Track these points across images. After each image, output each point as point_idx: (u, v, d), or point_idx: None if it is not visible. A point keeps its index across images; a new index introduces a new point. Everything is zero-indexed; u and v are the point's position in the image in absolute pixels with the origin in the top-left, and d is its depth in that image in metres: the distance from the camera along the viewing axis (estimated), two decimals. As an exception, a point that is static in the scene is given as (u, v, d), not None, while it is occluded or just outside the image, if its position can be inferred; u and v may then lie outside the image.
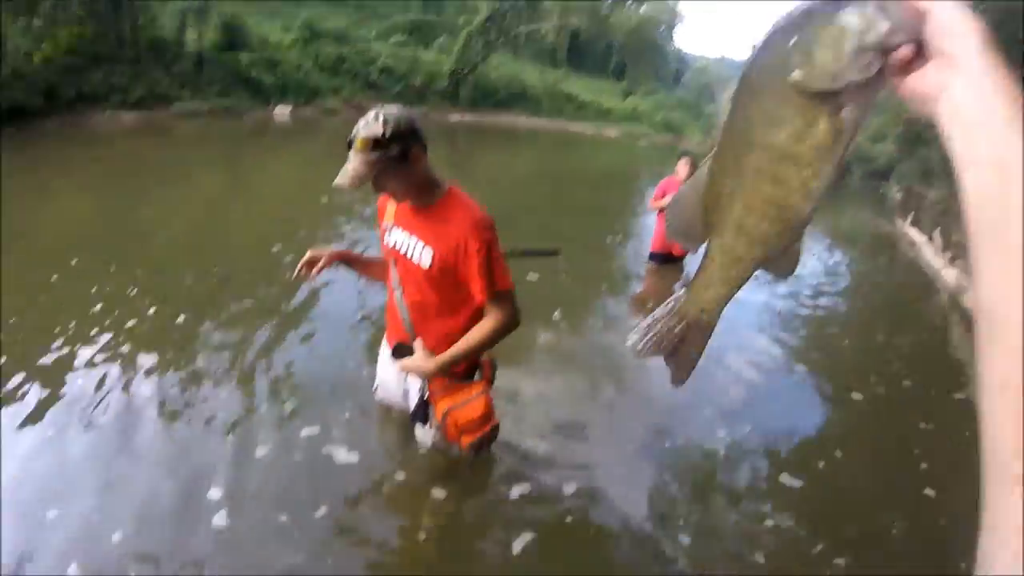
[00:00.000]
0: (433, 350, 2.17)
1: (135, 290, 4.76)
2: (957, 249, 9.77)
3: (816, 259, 8.98)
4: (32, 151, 11.12)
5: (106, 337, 4.00)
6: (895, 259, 10.36)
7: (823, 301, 6.58)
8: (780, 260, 0.71)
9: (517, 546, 2.58)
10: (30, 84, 13.84)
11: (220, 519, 2.52)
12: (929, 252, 9.99)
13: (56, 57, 15.19)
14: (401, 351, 2.29)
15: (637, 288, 6.47)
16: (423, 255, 2.10)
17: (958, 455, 3.72)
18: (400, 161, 1.95)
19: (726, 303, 0.76)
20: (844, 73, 0.56)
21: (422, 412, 2.41)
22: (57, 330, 4.00)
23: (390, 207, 2.25)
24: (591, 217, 9.89)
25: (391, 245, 2.23)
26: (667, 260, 6.35)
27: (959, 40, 0.51)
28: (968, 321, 6.42)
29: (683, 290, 0.79)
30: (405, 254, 2.16)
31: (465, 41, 28.82)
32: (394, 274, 2.28)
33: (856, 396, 4.41)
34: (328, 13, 33.20)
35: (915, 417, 4.19)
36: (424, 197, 2.08)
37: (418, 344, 2.21)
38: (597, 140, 32.46)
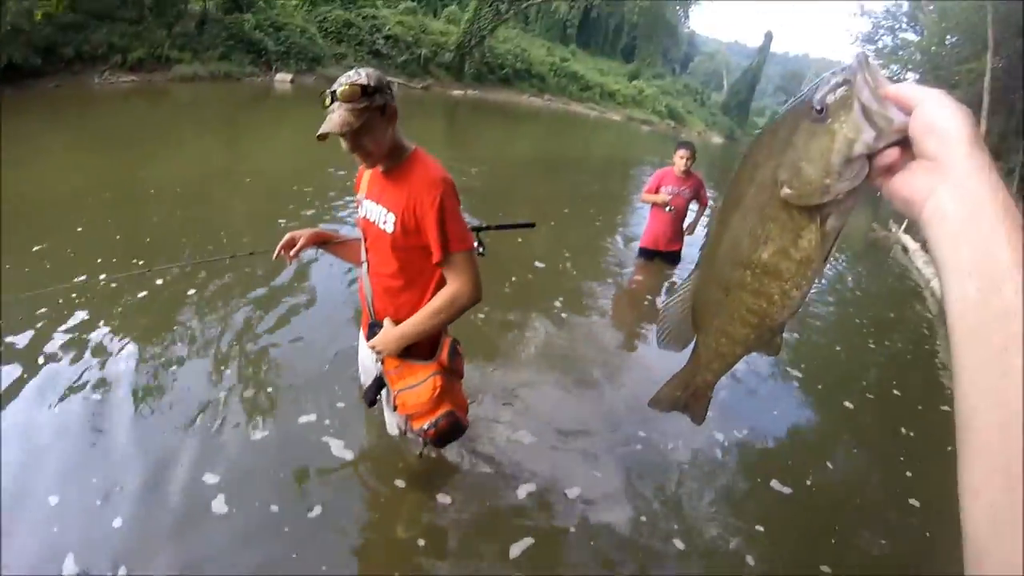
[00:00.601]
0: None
1: (135, 261, 4.70)
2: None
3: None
4: (27, 114, 10.93)
5: (95, 311, 3.97)
6: (888, 265, 10.40)
7: (815, 309, 6.61)
8: (764, 348, 0.73)
9: (515, 550, 2.61)
10: (29, 41, 13.48)
11: (219, 505, 2.56)
12: (921, 259, 10.07)
13: (57, 13, 14.71)
14: (373, 331, 2.27)
15: (625, 284, 6.42)
16: (387, 221, 2.10)
17: (942, 466, 3.80)
18: (382, 113, 1.98)
19: (716, 382, 0.82)
20: (834, 186, 0.56)
21: (373, 391, 2.41)
22: (42, 308, 3.91)
23: (364, 180, 2.27)
24: (584, 205, 9.83)
25: (362, 215, 2.23)
26: (656, 256, 6.23)
27: (945, 142, 0.50)
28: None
29: (677, 374, 0.86)
30: (375, 222, 2.16)
31: (475, 10, 28.03)
32: (364, 250, 2.28)
33: (848, 404, 4.49)
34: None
35: (902, 426, 4.30)
36: (393, 158, 2.09)
37: (387, 321, 2.21)
38: (600, 123, 32.23)
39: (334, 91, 1.93)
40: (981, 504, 0.43)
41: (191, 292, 4.41)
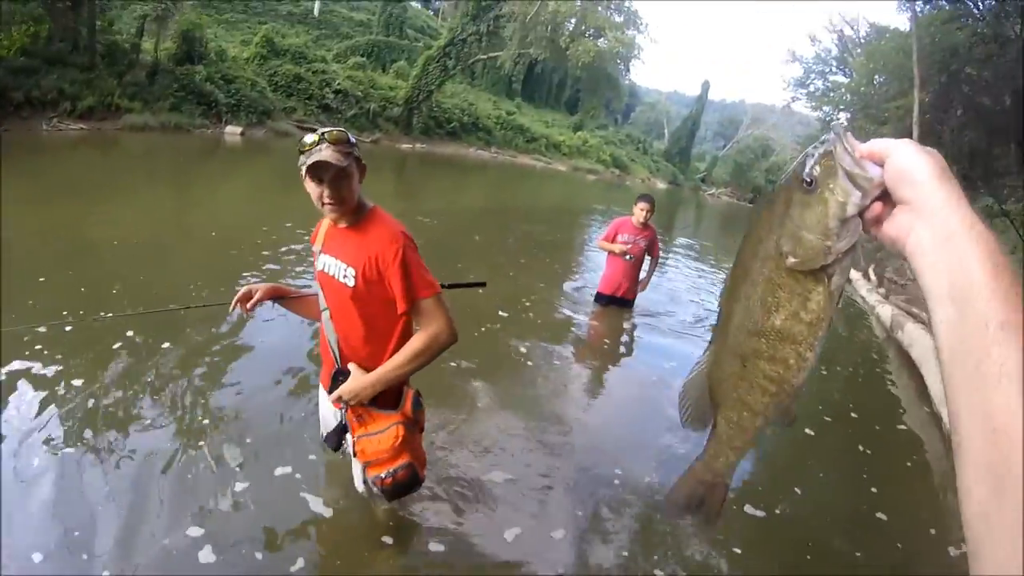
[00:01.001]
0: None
1: (80, 312, 4.50)
2: (891, 286, 10.68)
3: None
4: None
5: (45, 361, 3.78)
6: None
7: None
8: (782, 416, 0.75)
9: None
10: (-19, 84, 13.15)
11: (206, 555, 2.51)
12: (864, 288, 10.73)
13: (8, 57, 14.56)
14: (337, 380, 2.24)
15: (583, 330, 6.44)
16: (347, 275, 2.13)
17: (904, 481, 4.20)
18: (357, 164, 2.10)
19: (738, 464, 0.84)
20: (834, 246, 0.60)
21: (336, 437, 2.38)
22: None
23: (320, 235, 2.30)
24: (539, 254, 10.07)
25: (320, 269, 2.26)
26: (612, 302, 6.35)
27: (915, 184, 0.55)
28: (903, 354, 7.08)
29: (696, 462, 0.87)
30: (333, 276, 2.18)
31: (423, 66, 28.99)
32: (323, 303, 2.29)
33: (808, 431, 4.65)
34: (288, 29, 33.36)
35: (862, 445, 4.55)
36: (356, 214, 2.15)
37: (353, 367, 2.20)
38: (546, 173, 33.14)
39: (322, 133, 2.01)
40: (973, 508, 0.46)
41: (141, 341, 4.26)
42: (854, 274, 11.57)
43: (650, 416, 4.55)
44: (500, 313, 6.21)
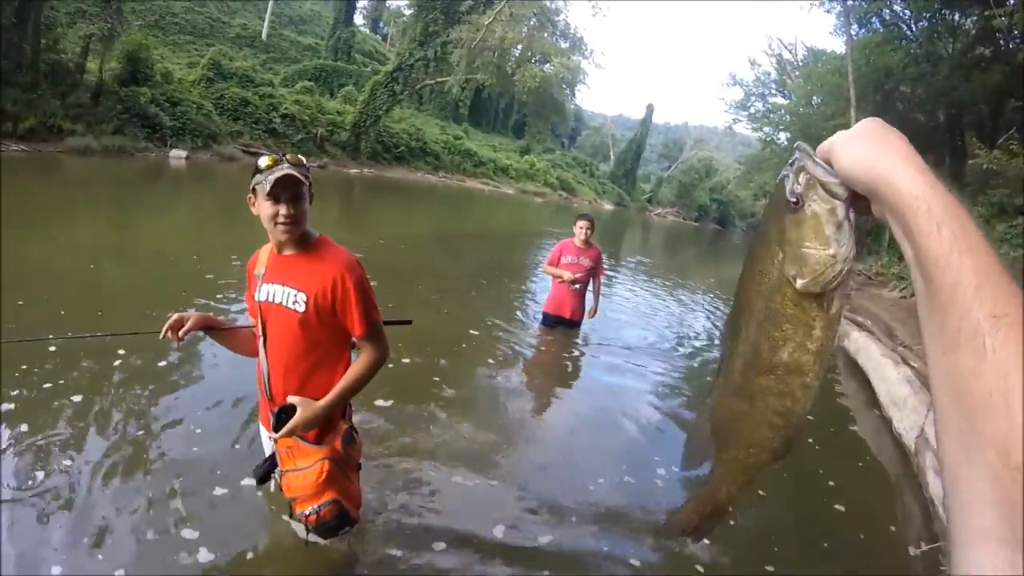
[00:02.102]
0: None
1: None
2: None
3: (707, 314, 10.38)
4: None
5: None
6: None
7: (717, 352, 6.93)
8: (786, 446, 0.75)
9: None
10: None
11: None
12: None
13: None
14: (281, 418, 2.14)
15: (529, 352, 6.45)
16: (297, 300, 2.12)
17: (858, 476, 4.56)
18: (310, 189, 2.14)
19: (738, 496, 0.84)
20: (839, 252, 0.61)
21: (262, 470, 2.35)
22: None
23: (261, 263, 2.26)
24: (486, 277, 10.34)
25: (262, 298, 2.20)
26: (559, 323, 6.35)
27: (860, 183, 0.57)
28: (851, 362, 7.53)
29: (701, 490, 0.88)
30: (280, 303, 2.15)
31: (371, 91, 29.18)
32: (262, 335, 2.24)
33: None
34: (236, 52, 33.21)
35: (818, 445, 4.85)
36: (303, 241, 2.17)
37: (297, 399, 2.15)
38: (494, 197, 33.58)
39: (282, 155, 2.10)
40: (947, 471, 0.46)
41: (72, 373, 4.10)
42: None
43: (606, 431, 4.79)
44: (472, 332, 6.50)
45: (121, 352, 4.43)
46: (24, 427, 3.39)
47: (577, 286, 6.08)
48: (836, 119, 18.24)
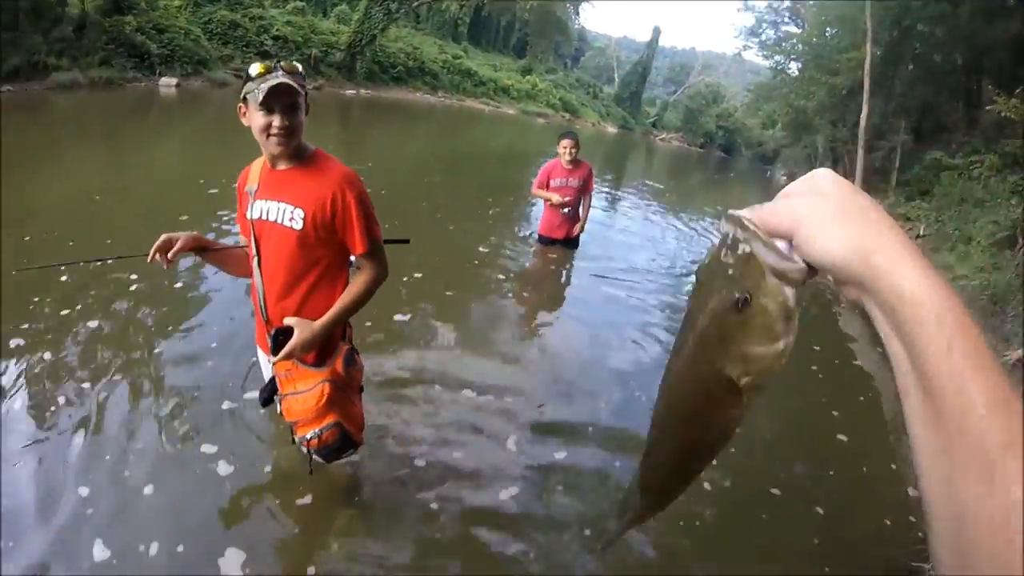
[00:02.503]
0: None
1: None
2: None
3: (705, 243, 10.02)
4: None
5: None
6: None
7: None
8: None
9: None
10: None
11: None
12: None
13: None
14: (279, 340, 2.09)
15: (535, 271, 6.58)
16: (294, 217, 2.03)
17: (860, 407, 4.62)
18: (306, 98, 2.03)
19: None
20: (788, 341, 0.53)
21: (266, 393, 2.30)
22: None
23: (252, 178, 2.16)
24: (492, 195, 10.33)
25: (255, 216, 2.12)
26: (553, 243, 6.41)
27: (836, 273, 0.50)
28: (850, 304, 7.36)
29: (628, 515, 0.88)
30: (275, 220, 2.07)
31: (365, 10, 28.18)
32: (256, 255, 2.16)
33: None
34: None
35: (822, 374, 4.98)
36: (298, 155, 2.07)
37: (295, 320, 2.09)
38: (495, 118, 33.02)
39: (276, 61, 1.98)
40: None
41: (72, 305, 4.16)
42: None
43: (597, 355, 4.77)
44: (481, 249, 6.62)
45: (134, 277, 4.61)
46: (47, 354, 3.54)
47: (567, 210, 6.10)
48: (850, 52, 17.46)
